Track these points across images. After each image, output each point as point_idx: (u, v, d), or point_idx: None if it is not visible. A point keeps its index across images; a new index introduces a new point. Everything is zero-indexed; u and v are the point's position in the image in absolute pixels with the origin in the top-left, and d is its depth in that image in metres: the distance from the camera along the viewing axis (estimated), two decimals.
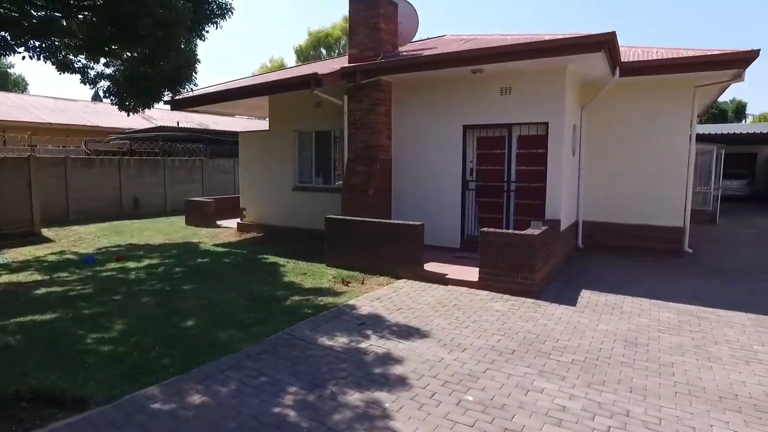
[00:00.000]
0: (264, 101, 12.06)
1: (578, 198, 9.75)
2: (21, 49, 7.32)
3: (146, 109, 9.43)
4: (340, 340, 4.98)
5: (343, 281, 7.39)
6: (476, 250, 7.00)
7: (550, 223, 7.69)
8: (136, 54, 7.99)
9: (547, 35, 8.09)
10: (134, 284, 7.24)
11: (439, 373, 4.22)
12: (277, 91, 10.28)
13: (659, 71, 8.48)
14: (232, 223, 13.43)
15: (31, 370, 4.20)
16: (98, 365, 4.33)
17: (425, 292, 6.81)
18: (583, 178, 9.77)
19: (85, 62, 8.88)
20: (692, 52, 8.51)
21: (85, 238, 11.79)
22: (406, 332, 5.22)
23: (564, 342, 4.97)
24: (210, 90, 11.62)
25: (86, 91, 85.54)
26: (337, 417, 3.50)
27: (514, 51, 7.42)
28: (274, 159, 11.97)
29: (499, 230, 6.76)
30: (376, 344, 4.88)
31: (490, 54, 7.67)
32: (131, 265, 8.59)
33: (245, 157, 12.80)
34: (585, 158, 9.77)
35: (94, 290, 6.87)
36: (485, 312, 5.90)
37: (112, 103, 9.17)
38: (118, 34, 6.53)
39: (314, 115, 10.97)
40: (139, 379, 4.04)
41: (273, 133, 12.04)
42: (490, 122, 8.67)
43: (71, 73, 7.97)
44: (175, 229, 13.49)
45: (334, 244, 8.34)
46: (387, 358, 4.53)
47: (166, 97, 10.55)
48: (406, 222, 7.67)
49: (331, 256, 8.36)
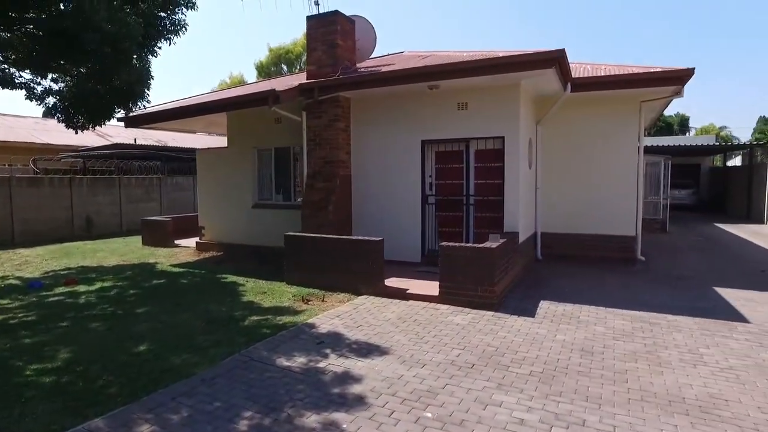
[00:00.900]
0: (222, 118, 11.88)
1: (536, 210, 9.98)
2: None
3: (97, 127, 9.11)
4: (298, 360, 4.88)
5: (303, 299, 7.28)
6: (437, 264, 7.03)
7: (509, 236, 7.81)
8: (84, 70, 7.71)
9: (502, 52, 8.31)
10: (84, 309, 6.91)
11: (398, 390, 4.18)
12: (234, 108, 10.15)
13: (607, 87, 8.84)
14: (191, 242, 13.07)
15: None
16: (38, 398, 4.08)
17: (386, 308, 6.77)
18: (541, 191, 10.01)
19: (30, 77, 8.53)
20: (637, 69, 8.91)
21: (31, 261, 11.23)
22: (366, 350, 5.16)
23: (523, 354, 5.02)
24: (165, 107, 11.37)
25: (39, 108, 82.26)
26: None
27: (469, 67, 7.58)
28: (233, 176, 11.76)
29: (457, 244, 6.82)
30: (335, 363, 4.80)
31: (446, 70, 7.81)
32: (81, 288, 8.21)
33: (203, 175, 12.54)
34: (542, 171, 10.03)
35: (38, 317, 6.51)
36: (445, 326, 5.91)
37: (59, 121, 8.83)
38: (63, 49, 6.29)
39: (273, 131, 10.87)
40: (83, 412, 3.82)
41: (232, 150, 11.86)
42: (448, 137, 8.80)
43: (12, 88, 7.63)
44: (131, 249, 13.02)
45: (294, 261, 8.22)
46: (346, 377, 4.46)
47: (120, 114, 10.26)
48: (365, 238, 7.64)
49: (291, 274, 8.23)
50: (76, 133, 9.01)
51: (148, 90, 8.43)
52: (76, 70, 7.56)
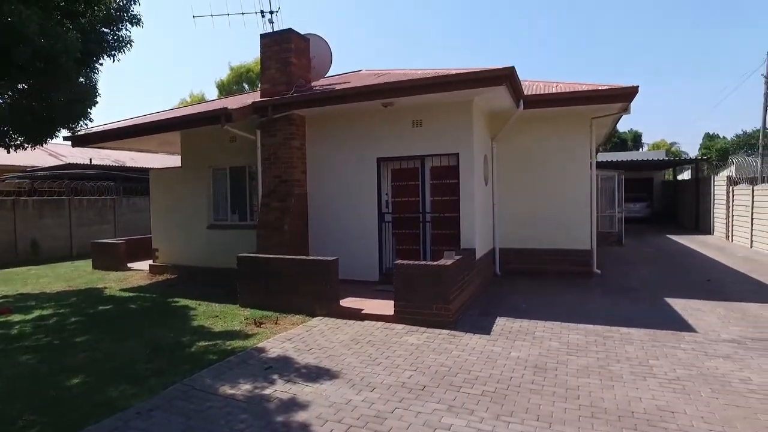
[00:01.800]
0: (178, 137, 11.57)
1: (494, 226, 10.04)
2: None
3: (36, 146, 8.67)
4: (243, 388, 4.65)
5: (256, 322, 7.03)
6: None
7: (466, 252, 7.80)
8: (21, 87, 7.34)
9: (455, 70, 8.40)
10: (15, 340, 6.46)
11: (345, 416, 4.01)
12: (184, 126, 9.88)
13: (558, 104, 9.04)
14: (145, 266, 12.56)
15: None
16: None
17: (340, 329, 6.59)
18: (498, 207, 10.09)
19: None
20: (586, 86, 9.17)
21: None
22: (315, 374, 4.97)
23: (476, 373, 4.93)
24: (113, 126, 10.99)
25: None
26: None
27: (421, 84, 7.62)
28: (187, 197, 11.42)
29: (411, 262, 6.74)
30: (282, 389, 4.59)
31: (398, 87, 7.82)
32: (16, 318, 7.70)
33: (157, 196, 12.13)
34: (498, 187, 10.12)
35: None
36: (399, 347, 5.78)
37: None
38: None
39: (228, 150, 10.63)
40: None
41: (186, 169, 11.53)
42: (404, 154, 8.78)
43: None
44: (80, 274, 12.41)
45: (248, 283, 7.97)
46: (291, 404, 4.26)
47: (65, 133, 9.83)
48: (319, 258, 7.48)
49: (245, 296, 7.96)
50: (9, 152, 8.53)
51: (92, 108, 8.09)
52: (12, 87, 7.19)
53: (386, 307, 7.00)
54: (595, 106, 9.08)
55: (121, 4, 7.47)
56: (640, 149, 47.31)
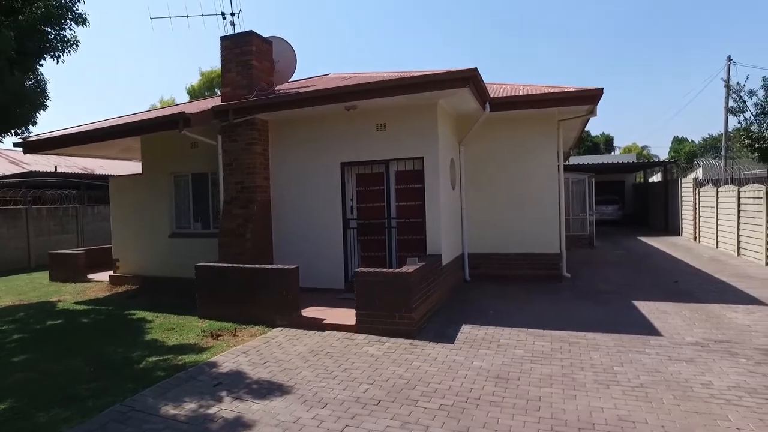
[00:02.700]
0: (138, 143, 11.15)
1: (463, 230, 9.89)
2: None
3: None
4: (187, 407, 4.35)
5: (212, 335, 6.71)
6: None
7: (432, 258, 7.62)
8: None
9: (419, 72, 8.25)
10: None
11: None
12: (141, 132, 9.49)
13: (524, 106, 8.97)
14: (106, 277, 12.07)
15: None
16: None
17: (299, 340, 6.33)
18: (466, 211, 9.94)
19: None
20: (552, 89, 9.12)
21: None
22: (267, 389, 4.70)
23: (435, 385, 4.73)
24: (67, 131, 10.52)
25: None
26: None
27: (383, 87, 7.43)
28: (148, 204, 11.00)
29: (373, 269, 6.52)
30: (228, 408, 4.31)
31: (361, 90, 7.63)
32: None
33: (117, 204, 11.67)
34: (466, 191, 9.98)
35: None
36: (358, 358, 5.55)
37: None
38: None
39: (190, 156, 10.28)
40: None
41: (147, 176, 11.12)
42: (368, 159, 8.58)
43: None
44: (35, 287, 11.85)
45: (207, 294, 7.64)
46: (236, 425, 3.99)
47: (15, 139, 9.37)
48: (279, 266, 7.20)
49: (204, 307, 7.63)
50: None
51: (38, 112, 7.67)
52: None
53: (349, 316, 6.76)
54: (561, 109, 9.03)
55: (64, 1, 7.09)
56: (612, 152, 48.17)
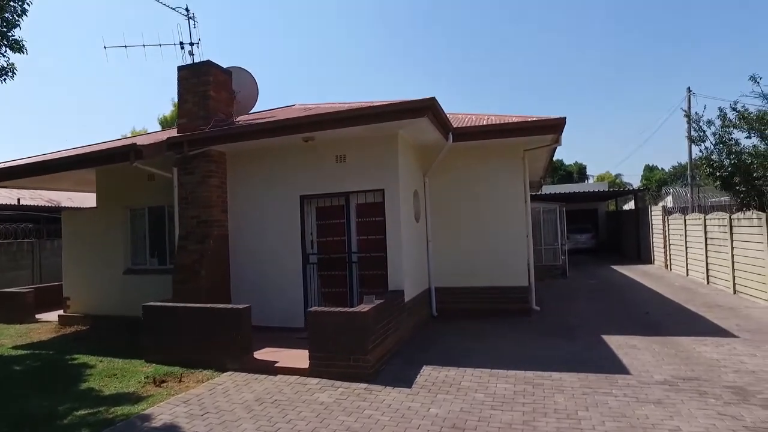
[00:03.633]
0: (94, 175, 10.70)
1: (429, 264, 9.60)
2: None
3: None
4: None
5: (155, 381, 6.21)
6: None
7: (392, 295, 7.29)
8: None
9: (377, 102, 8.10)
10: None
11: None
12: (91, 164, 9.07)
13: (488, 136, 8.85)
14: (56, 316, 11.38)
15: None
16: None
17: (248, 386, 5.88)
18: (432, 244, 9.68)
19: None
20: (516, 118, 9.05)
21: None
22: None
23: None
24: (8, 164, 10.03)
25: None
26: None
27: (340, 118, 7.23)
28: (102, 239, 10.50)
29: (326, 309, 6.17)
30: None
31: (317, 121, 7.41)
32: None
33: (70, 239, 11.11)
34: (432, 223, 9.74)
35: None
36: (307, 407, 5.12)
37: None
38: None
39: (147, 189, 9.87)
40: None
41: (102, 210, 10.65)
42: (328, 191, 8.30)
43: None
44: None
45: (154, 335, 7.15)
46: None
47: None
48: (230, 306, 6.78)
49: (152, 350, 7.13)
50: None
51: None
52: None
53: (303, 358, 6.33)
54: (525, 138, 8.93)
55: None
56: (586, 181, 49.02)
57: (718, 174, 13.91)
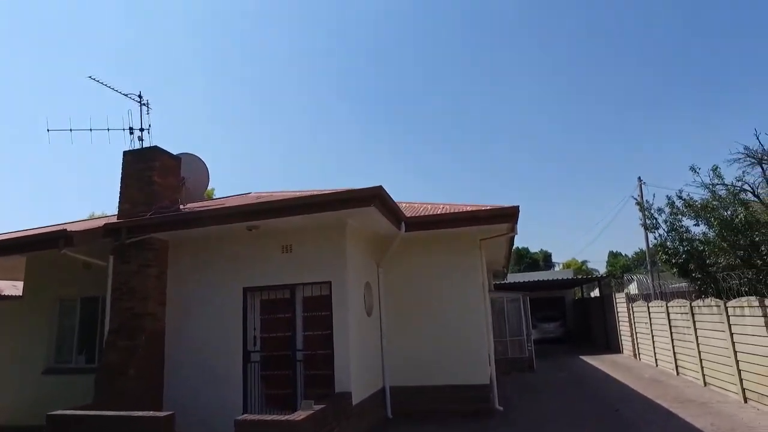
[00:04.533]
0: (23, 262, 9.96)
1: (383, 362, 8.94)
2: None
3: None
4: None
5: None
6: None
7: (338, 398, 6.61)
8: None
9: (323, 191, 7.90)
10: None
11: None
12: (17, 250, 8.35)
13: (441, 225, 8.67)
14: None
15: None
16: None
17: None
18: (386, 339, 9.08)
19: None
20: (470, 207, 8.95)
21: None
22: None
23: None
24: None
25: None
26: None
27: (285, 207, 6.96)
28: (24, 334, 9.58)
29: (253, 417, 5.45)
30: None
31: (261, 210, 7.11)
32: None
33: None
34: (386, 317, 9.20)
35: None
36: None
37: None
38: None
39: (81, 279, 9.13)
40: None
41: (27, 300, 9.83)
42: (273, 283, 7.80)
43: None
44: None
45: None
46: None
47: None
48: (149, 414, 5.95)
49: None
50: None
51: None
52: None
53: None
54: (480, 227, 8.76)
55: None
56: (552, 268, 49.53)
57: (673, 261, 14.07)
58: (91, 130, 9.18)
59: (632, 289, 24.30)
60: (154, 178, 8.60)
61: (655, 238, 14.95)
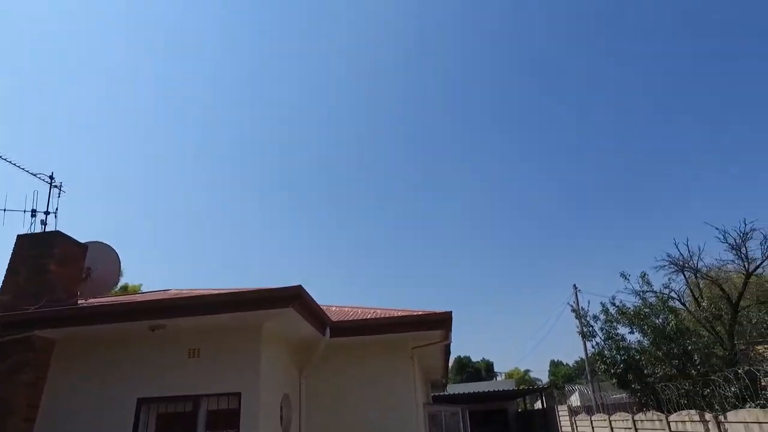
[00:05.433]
0: None
1: None
2: None
3: None
4: None
5: None
6: None
7: None
8: None
9: (236, 289, 7.19)
10: None
11: None
12: None
13: (368, 331, 8.08)
14: None
15: None
16: None
17: None
18: None
19: None
20: (401, 312, 8.42)
21: None
22: None
23: None
24: None
25: None
26: None
27: (191, 305, 6.17)
28: None
29: None
30: None
31: (164, 307, 6.27)
32: None
33: None
34: None
35: None
36: None
37: None
38: None
39: None
40: None
41: None
42: (174, 393, 6.67)
43: None
44: None
45: None
46: None
47: None
48: None
49: None
50: None
51: None
52: None
53: None
54: (412, 334, 8.19)
55: None
56: (495, 378, 48.31)
57: (612, 371, 13.86)
58: None
59: (574, 400, 23.75)
60: (51, 266, 7.58)
61: (593, 347, 14.82)
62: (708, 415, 8.74)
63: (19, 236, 7.93)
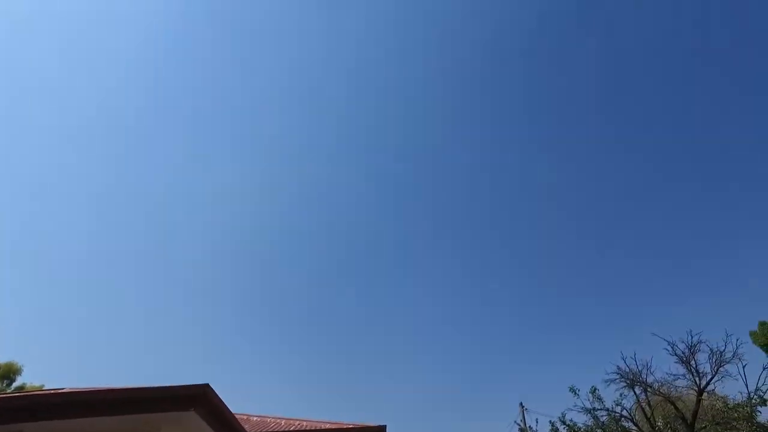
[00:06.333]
0: None
1: None
2: None
3: None
4: None
5: None
6: None
7: None
8: None
9: (130, 387, 6.08)
10: None
11: None
12: None
13: None
14: None
15: None
16: None
17: None
18: None
19: None
20: (330, 425, 7.42)
21: None
22: None
23: None
24: None
25: None
26: None
27: (61, 402, 5.12)
28: None
29: None
30: None
31: (34, 407, 5.10)
32: None
33: None
34: None
35: None
36: None
37: None
38: None
39: None
40: None
41: None
42: None
43: None
44: None
45: None
46: None
47: None
48: None
49: None
50: None
51: None
52: None
53: None
54: None
55: None
56: None
57: None
58: None
59: None
60: None
61: None
62: None
63: None
